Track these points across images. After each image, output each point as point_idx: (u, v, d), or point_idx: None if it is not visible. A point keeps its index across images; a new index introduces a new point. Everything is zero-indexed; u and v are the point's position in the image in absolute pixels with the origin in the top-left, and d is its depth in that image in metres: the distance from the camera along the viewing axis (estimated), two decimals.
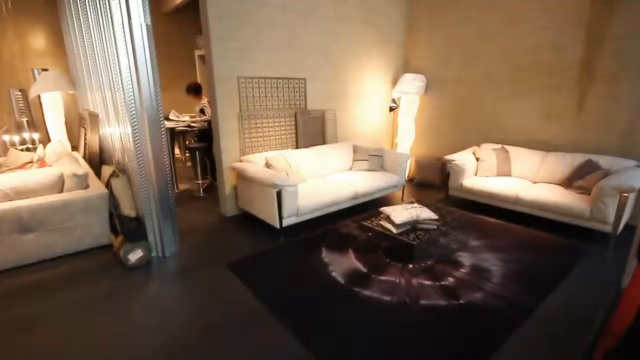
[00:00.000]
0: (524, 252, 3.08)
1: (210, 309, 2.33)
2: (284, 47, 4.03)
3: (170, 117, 5.18)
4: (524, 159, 4.18)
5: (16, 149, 4.56)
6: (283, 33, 3.98)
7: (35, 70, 7.49)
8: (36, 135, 5.37)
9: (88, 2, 3.30)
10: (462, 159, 4.23)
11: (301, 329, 2.10)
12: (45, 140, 6.14)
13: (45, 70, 7.04)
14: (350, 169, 4.55)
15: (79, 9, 3.81)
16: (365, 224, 3.09)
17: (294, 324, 2.15)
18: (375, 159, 4.44)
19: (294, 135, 4.39)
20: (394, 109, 5.35)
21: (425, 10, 5.14)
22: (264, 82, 3.96)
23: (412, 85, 5.13)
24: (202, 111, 4.93)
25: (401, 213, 2.89)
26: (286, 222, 3.33)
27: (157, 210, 2.93)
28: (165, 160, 2.90)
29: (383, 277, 2.67)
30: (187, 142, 5.74)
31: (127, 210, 3.21)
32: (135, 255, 2.81)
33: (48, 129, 5.91)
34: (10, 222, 2.67)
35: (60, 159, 3.61)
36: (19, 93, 7.40)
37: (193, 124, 5.09)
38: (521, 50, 4.25)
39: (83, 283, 2.62)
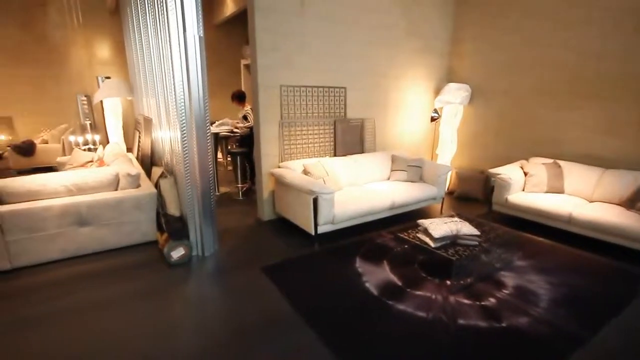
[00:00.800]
0: (576, 276, 2.84)
1: (244, 310, 2.38)
2: (326, 57, 4.10)
3: (215, 125, 5.44)
4: (578, 176, 3.88)
5: (80, 149, 5.01)
6: (326, 43, 4.05)
7: (99, 78, 8.24)
8: (97, 137, 5.86)
9: (148, 15, 3.58)
10: (509, 172, 4.01)
11: (332, 337, 2.08)
12: (105, 141, 6.69)
13: (108, 78, 7.72)
14: (388, 178, 4.48)
15: (140, 21, 4.14)
16: (402, 235, 3.02)
17: (325, 331, 2.13)
18: (414, 170, 4.34)
19: (332, 143, 4.42)
20: (436, 119, 5.21)
21: (473, 18, 4.99)
22: (305, 91, 4.03)
23: (455, 95, 4.97)
24: (244, 118, 5.12)
25: (440, 226, 2.79)
26: (321, 229, 3.34)
27: (199, 211, 3.08)
28: (209, 164, 3.04)
29: (418, 292, 2.59)
30: (229, 147, 5.98)
31: (173, 209, 3.40)
32: (177, 253, 2.95)
33: (107, 131, 6.43)
34: (71, 216, 2.93)
35: (116, 159, 3.91)
36: (85, 98, 8.17)
37: (236, 130, 5.30)
38: (579, 59, 3.98)
39: (129, 276, 2.80)
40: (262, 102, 3.75)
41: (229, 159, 6.74)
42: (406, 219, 4.01)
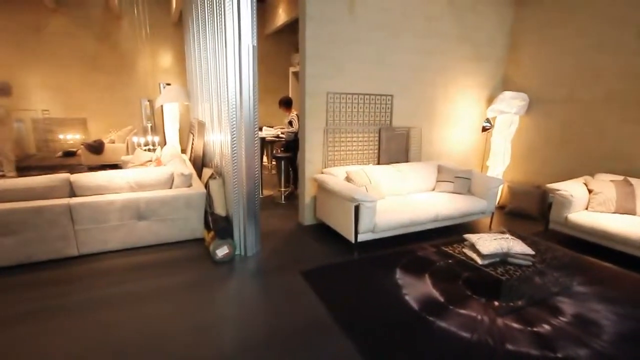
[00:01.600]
0: None
1: (282, 312, 2.42)
2: (374, 64, 4.08)
3: (263, 130, 5.64)
4: None
5: (141, 149, 5.45)
6: (374, 50, 4.04)
7: (161, 84, 8.93)
8: (156, 139, 6.34)
9: (207, 26, 3.83)
10: (570, 189, 3.68)
11: (369, 349, 2.04)
12: (163, 142, 7.23)
13: (169, 84, 8.34)
14: (433, 189, 4.32)
15: (200, 32, 4.44)
16: (446, 249, 2.89)
17: (362, 342, 2.10)
18: (462, 182, 4.15)
19: (376, 151, 4.37)
20: (488, 129, 4.95)
21: (533, 24, 4.70)
22: (351, 98, 4.05)
23: (510, 105, 4.69)
24: (290, 123, 5.25)
25: (489, 243, 2.63)
26: (362, 237, 3.30)
27: (244, 212, 3.19)
28: (256, 167, 3.16)
29: (462, 311, 2.45)
30: (274, 152, 6.16)
31: (219, 209, 3.57)
32: (222, 251, 3.09)
33: (165, 134, 6.93)
34: (132, 210, 3.19)
35: (172, 159, 4.20)
36: (147, 103, 8.89)
37: (282, 135, 5.44)
38: None
39: (178, 270, 2.98)
40: (308, 108, 3.83)
41: (273, 163, 6.94)
42: (451, 232, 3.84)
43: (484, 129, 4.99)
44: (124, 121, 8.56)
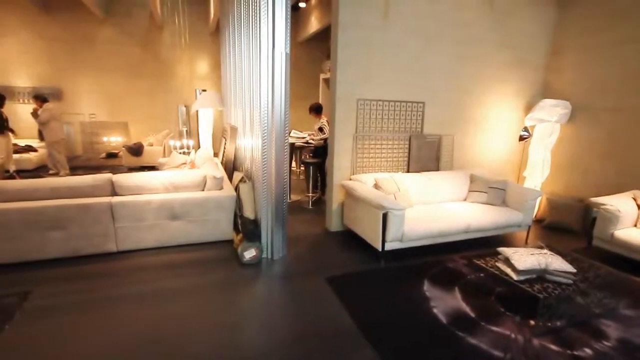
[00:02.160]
0: None
1: (305, 317, 2.42)
2: (406, 71, 4.04)
3: (292, 134, 5.72)
4: None
5: (177, 152, 5.70)
6: (406, 57, 4.00)
7: (197, 90, 9.32)
8: (191, 142, 6.61)
9: (243, 35, 3.96)
10: (617, 203, 3.43)
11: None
12: (197, 146, 7.51)
13: (204, 90, 8.68)
14: (465, 199, 4.18)
15: (235, 40, 4.60)
16: (478, 262, 2.78)
17: (386, 353, 2.05)
18: (496, 192, 3.98)
19: (405, 158, 4.30)
20: (525, 138, 4.73)
21: (578, 28, 4.46)
22: (381, 105, 4.02)
23: (551, 113, 4.47)
24: (320, 129, 5.29)
25: (525, 258, 2.50)
26: (389, 246, 3.25)
27: (272, 216, 3.24)
28: (285, 172, 3.20)
29: (494, 328, 2.34)
30: (302, 157, 6.22)
31: (248, 212, 3.64)
32: (249, 254, 3.15)
33: (199, 138, 7.20)
34: (166, 210, 3.33)
35: (205, 163, 4.35)
36: (184, 108, 9.29)
37: (311, 141, 5.49)
38: None
39: (207, 269, 3.07)
40: (338, 115, 3.84)
41: (302, 168, 7.01)
42: (483, 245, 3.69)
43: (522, 138, 4.77)
44: (162, 125, 9.00)
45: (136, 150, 7.16)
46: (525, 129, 4.72)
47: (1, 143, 5.86)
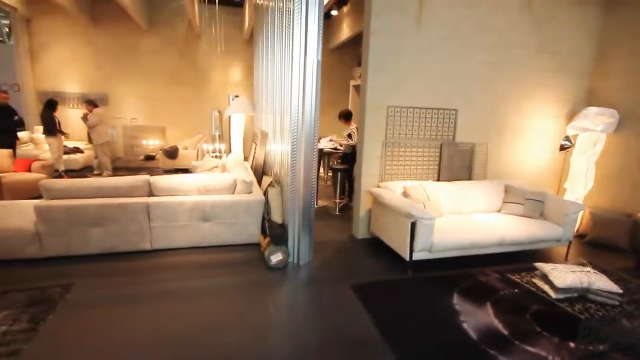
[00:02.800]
0: None
1: (330, 324, 2.40)
2: (439, 77, 3.96)
3: (322, 140, 5.76)
4: None
5: (209, 155, 5.90)
6: (439, 63, 3.92)
7: (230, 96, 9.63)
8: (223, 146, 6.83)
9: (276, 42, 4.05)
10: None
11: None
12: (228, 150, 7.74)
13: (237, 96, 8.95)
14: (499, 211, 4.00)
15: (268, 48, 4.72)
16: (512, 277, 2.65)
17: None
18: (533, 204, 3.78)
19: (436, 167, 4.20)
20: (567, 148, 4.47)
21: (627, 32, 4.18)
22: (412, 112, 3.96)
23: (595, 121, 4.20)
24: (349, 136, 5.28)
25: (565, 275, 2.35)
26: (417, 255, 3.17)
27: (299, 221, 3.27)
28: (313, 177, 3.22)
29: (530, 348, 2.21)
30: (330, 163, 6.23)
31: (276, 216, 3.69)
32: (276, 258, 3.18)
33: (231, 142, 7.41)
34: (198, 211, 3.45)
35: (236, 167, 4.47)
36: (217, 113, 9.62)
37: (339, 147, 5.50)
38: None
39: (234, 271, 3.13)
40: (368, 121, 3.83)
41: (329, 174, 7.02)
42: (518, 259, 3.51)
43: (563, 148, 4.52)
44: (196, 129, 9.36)
45: (172, 153, 7.48)
46: (567, 138, 4.47)
47: (53, 144, 6.34)
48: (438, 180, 4.18)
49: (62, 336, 2.15)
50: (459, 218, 3.67)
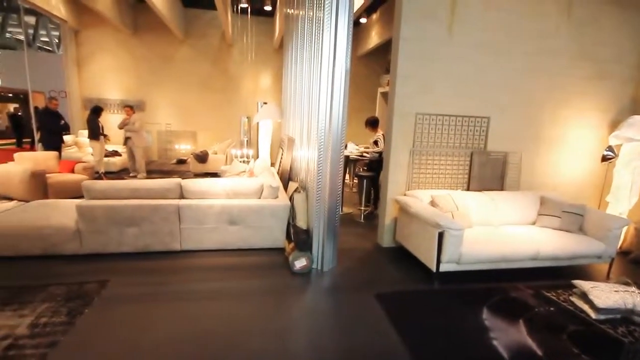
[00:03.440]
0: None
1: (352, 334, 2.37)
2: (470, 84, 3.87)
3: (348, 147, 5.76)
4: None
5: (237, 160, 6.05)
6: (471, 70, 3.83)
7: (259, 103, 9.86)
8: (250, 152, 6.98)
9: (305, 50, 4.13)
10: None
11: None
12: (255, 155, 7.90)
13: (265, 103, 9.15)
14: (533, 223, 3.82)
15: (297, 55, 4.81)
16: (548, 294, 2.51)
17: None
18: (572, 217, 3.58)
19: (465, 176, 4.08)
20: (610, 159, 4.20)
21: None
22: (441, 119, 3.88)
23: None
24: (375, 143, 5.25)
25: (607, 294, 2.20)
26: (444, 267, 3.08)
27: (324, 227, 3.27)
28: (339, 184, 3.22)
29: None
30: (356, 170, 6.21)
31: (301, 222, 3.71)
32: (300, 263, 3.19)
33: (258, 148, 7.57)
34: (226, 215, 3.53)
35: (263, 172, 4.56)
36: (246, 119, 9.87)
37: (366, 154, 5.48)
38: None
39: (259, 275, 3.17)
40: (395, 129, 3.79)
41: (355, 181, 6.99)
42: (554, 275, 3.32)
43: (605, 159, 4.25)
44: (226, 135, 9.65)
45: (202, 157, 7.73)
46: (610, 149, 4.20)
47: (96, 148, 6.75)
48: (468, 189, 4.06)
49: (97, 330, 2.26)
50: (490, 229, 3.53)
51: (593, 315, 2.17)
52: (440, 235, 2.99)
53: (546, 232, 3.54)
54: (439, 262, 3.05)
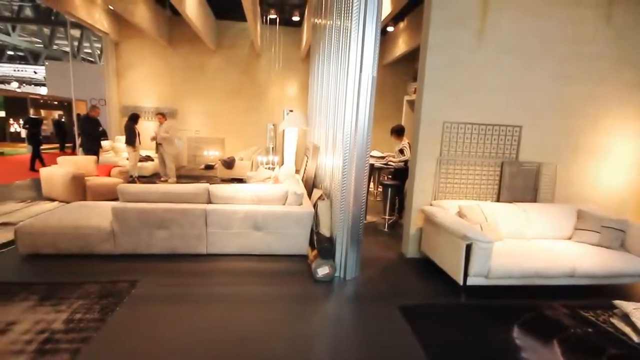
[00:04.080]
0: None
1: (375, 346, 2.32)
2: (501, 92, 3.75)
3: (372, 154, 5.72)
4: None
5: (263, 167, 6.16)
6: (502, 77, 3.73)
7: (285, 111, 10.03)
8: (276, 158, 7.08)
9: (332, 59, 4.17)
10: None
11: None
12: (281, 162, 8.01)
13: (291, 111, 9.29)
14: (569, 238, 3.62)
15: (324, 64, 4.87)
16: (585, 314, 2.36)
17: None
18: (612, 233, 3.36)
19: (495, 186, 3.94)
20: None
21: None
22: (470, 128, 3.78)
23: None
24: (401, 151, 5.18)
25: None
26: (471, 280, 2.97)
27: (347, 236, 3.25)
28: (363, 193, 3.20)
29: None
30: (381, 178, 6.15)
31: (325, 230, 3.71)
32: (323, 271, 3.18)
33: (284, 154, 7.66)
34: (251, 220, 3.59)
35: (287, 178, 4.61)
36: (272, 127, 10.05)
37: (391, 162, 5.42)
38: None
39: (281, 281, 3.19)
40: (422, 137, 3.73)
41: (379, 189, 6.91)
42: (592, 294, 3.12)
43: None
44: (252, 141, 9.88)
45: (229, 163, 7.93)
46: None
47: (131, 153, 7.10)
48: (497, 201, 3.91)
49: (127, 328, 2.35)
50: (522, 243, 3.38)
51: (636, 338, 2.01)
52: (468, 248, 2.90)
53: (584, 247, 3.34)
54: (466, 275, 2.95)
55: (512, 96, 3.79)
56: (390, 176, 5.51)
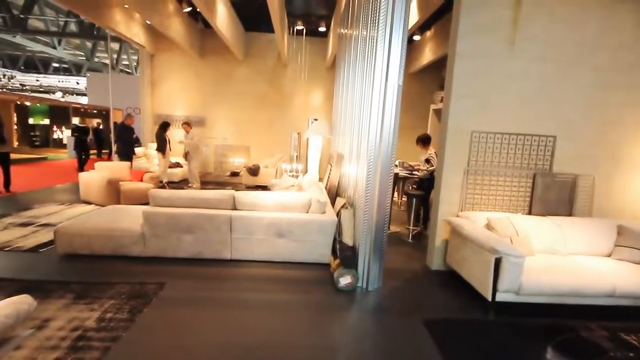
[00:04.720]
0: None
1: (397, 359, 2.27)
2: (533, 101, 3.62)
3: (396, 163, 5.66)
4: None
5: (287, 174, 6.22)
6: (534, 86, 3.60)
7: (310, 119, 10.13)
8: (300, 166, 7.14)
9: (357, 68, 4.19)
10: None
11: None
12: (304, 170, 8.07)
13: (316, 119, 9.37)
14: (609, 255, 3.40)
15: (350, 73, 4.90)
16: (626, 337, 2.20)
17: None
18: None
19: (527, 199, 3.77)
20: None
21: None
22: (500, 138, 3.67)
23: None
24: (427, 161, 5.09)
25: None
26: (501, 296, 2.84)
27: (370, 245, 3.21)
28: (387, 202, 3.16)
29: None
30: (405, 188, 6.05)
31: (347, 239, 3.68)
32: (345, 280, 3.15)
33: (307, 163, 7.72)
34: (275, 227, 3.63)
35: (311, 186, 4.63)
36: (296, 135, 10.17)
37: (416, 172, 5.33)
38: None
39: (303, 289, 3.19)
40: (449, 147, 3.65)
41: (404, 199, 6.80)
42: (634, 316, 2.90)
43: None
44: (277, 149, 10.03)
45: (254, 171, 8.08)
46: None
47: (161, 159, 7.40)
48: (529, 213, 3.74)
49: (154, 329, 2.42)
50: (556, 259, 3.21)
51: None
52: (498, 262, 2.78)
53: (625, 266, 3.13)
54: (495, 290, 2.83)
55: (545, 105, 3.65)
56: (415, 186, 5.41)
